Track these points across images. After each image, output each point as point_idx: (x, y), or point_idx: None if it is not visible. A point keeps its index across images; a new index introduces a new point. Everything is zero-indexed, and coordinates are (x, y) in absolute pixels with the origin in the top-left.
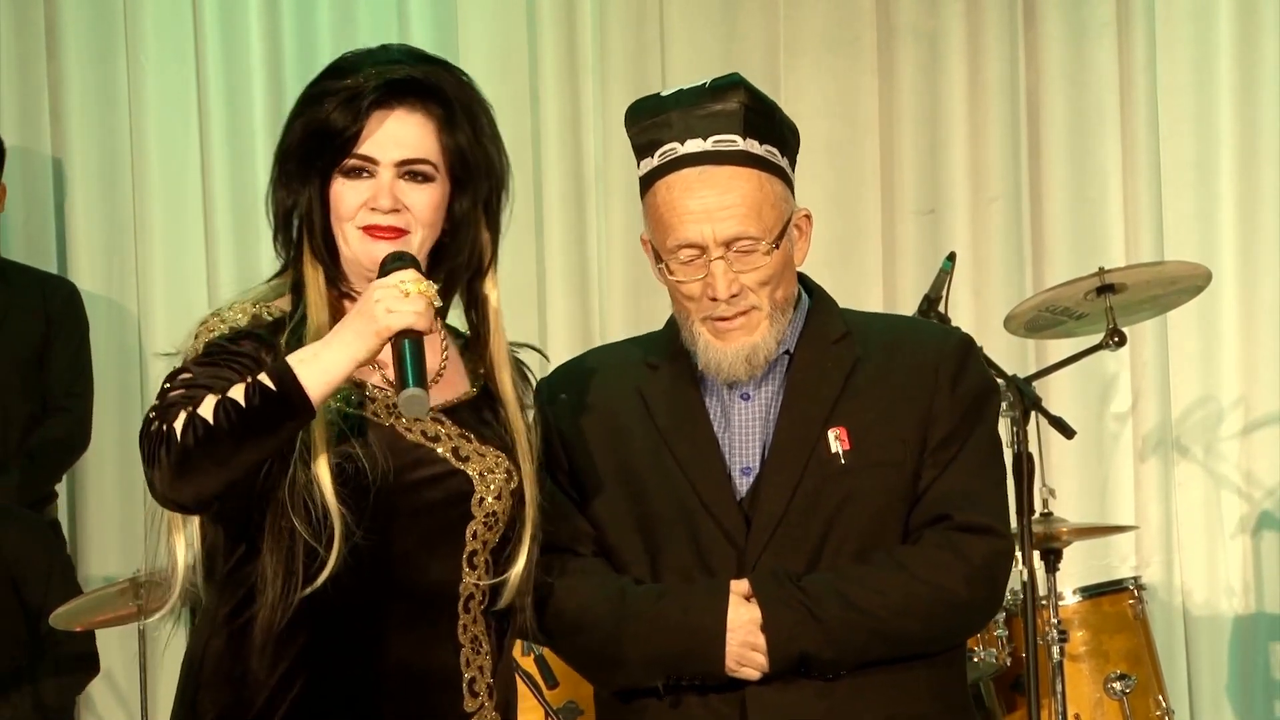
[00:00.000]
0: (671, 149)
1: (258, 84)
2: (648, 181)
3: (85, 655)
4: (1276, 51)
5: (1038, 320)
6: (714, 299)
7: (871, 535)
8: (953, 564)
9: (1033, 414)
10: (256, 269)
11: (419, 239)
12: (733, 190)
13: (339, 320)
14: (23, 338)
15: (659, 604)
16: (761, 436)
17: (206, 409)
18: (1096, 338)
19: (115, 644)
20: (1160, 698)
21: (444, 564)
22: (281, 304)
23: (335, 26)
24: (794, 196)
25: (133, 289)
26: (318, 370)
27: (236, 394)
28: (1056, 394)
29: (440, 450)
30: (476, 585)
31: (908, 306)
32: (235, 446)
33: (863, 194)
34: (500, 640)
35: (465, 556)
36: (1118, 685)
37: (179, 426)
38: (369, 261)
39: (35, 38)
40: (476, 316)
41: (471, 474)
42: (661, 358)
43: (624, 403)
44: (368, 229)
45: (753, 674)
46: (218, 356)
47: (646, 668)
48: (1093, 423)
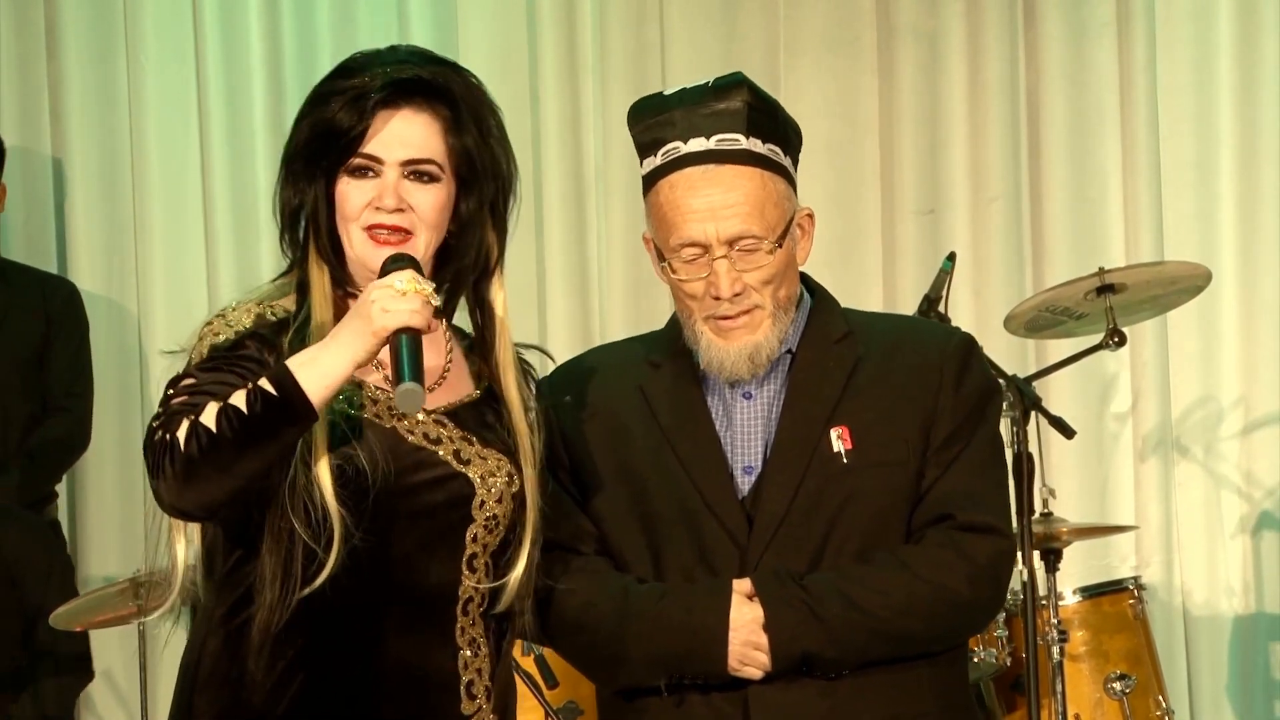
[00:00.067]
0: (675, 148)
1: (258, 84)
2: (651, 180)
3: (80, 660)
4: (1276, 51)
5: (1038, 320)
6: (717, 298)
7: (874, 535)
8: (955, 563)
9: (1033, 414)
10: (256, 269)
11: (423, 240)
12: (736, 189)
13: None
14: (23, 338)
15: (661, 603)
16: (764, 435)
17: (209, 417)
18: (1096, 338)
19: (115, 644)
20: (1160, 698)
21: (443, 567)
22: (286, 303)
23: (335, 26)
24: (797, 195)
25: (133, 289)
26: (317, 373)
27: (238, 400)
28: (1056, 394)
29: (442, 453)
30: (475, 588)
31: (908, 306)
32: (238, 454)
33: (863, 194)
34: (499, 643)
35: (465, 559)
36: (1118, 685)
37: (182, 436)
38: (372, 265)
39: (35, 38)
40: (482, 319)
41: (473, 477)
42: (663, 356)
43: (626, 401)
44: (372, 230)
45: (755, 673)
46: (220, 361)
47: (649, 667)
48: (1093, 423)
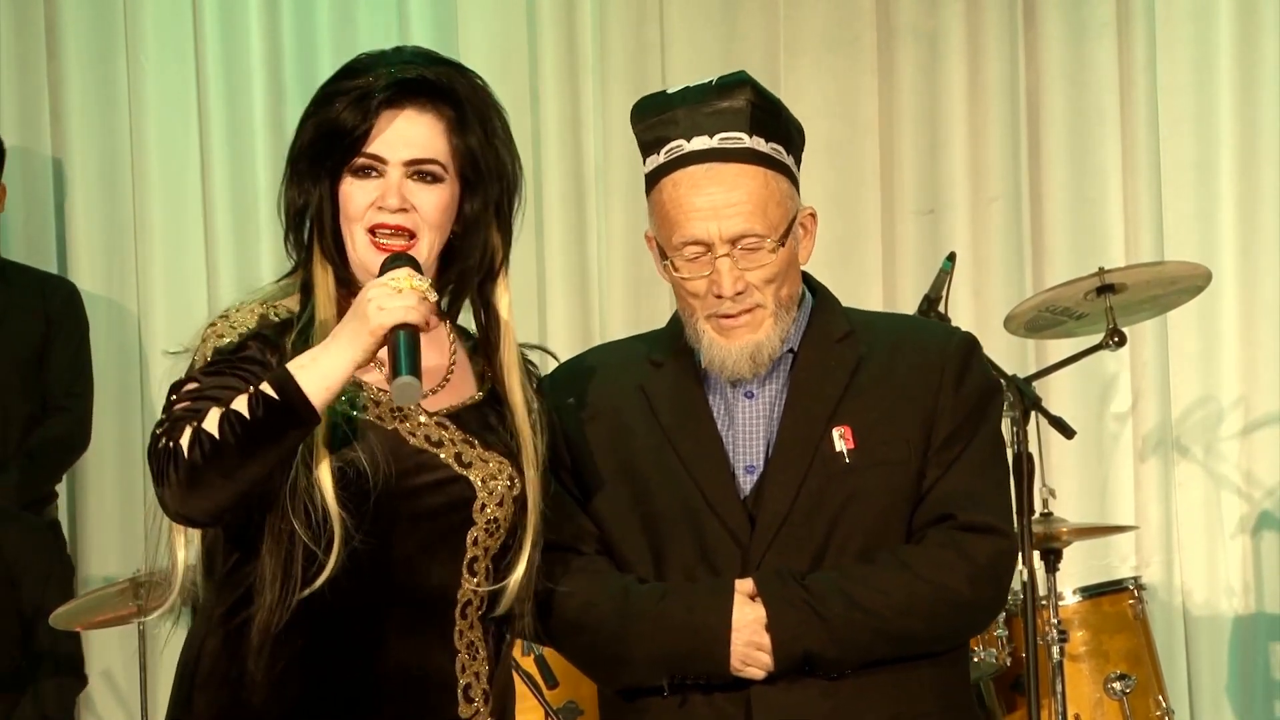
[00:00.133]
0: (678, 146)
1: (258, 84)
2: (653, 178)
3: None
4: (1276, 51)
5: (1038, 320)
6: (719, 296)
7: (875, 534)
8: (956, 563)
9: (1033, 414)
10: (256, 269)
11: (426, 241)
12: (739, 187)
13: None
14: (23, 338)
15: (663, 603)
16: (765, 435)
17: (211, 423)
18: (1096, 338)
19: (115, 644)
20: (1160, 698)
21: (443, 570)
22: (289, 304)
23: (335, 26)
24: (799, 195)
25: (133, 289)
26: (317, 375)
27: (240, 405)
28: (1056, 394)
29: (443, 456)
30: (474, 591)
31: (908, 306)
32: (242, 459)
33: (863, 194)
34: (498, 646)
35: (465, 563)
36: (1118, 685)
37: (185, 443)
38: (373, 267)
39: (35, 38)
40: (486, 320)
41: (474, 480)
42: (665, 355)
43: (627, 400)
44: (375, 230)
45: (757, 673)
46: (223, 364)
47: (651, 667)
48: (1093, 423)
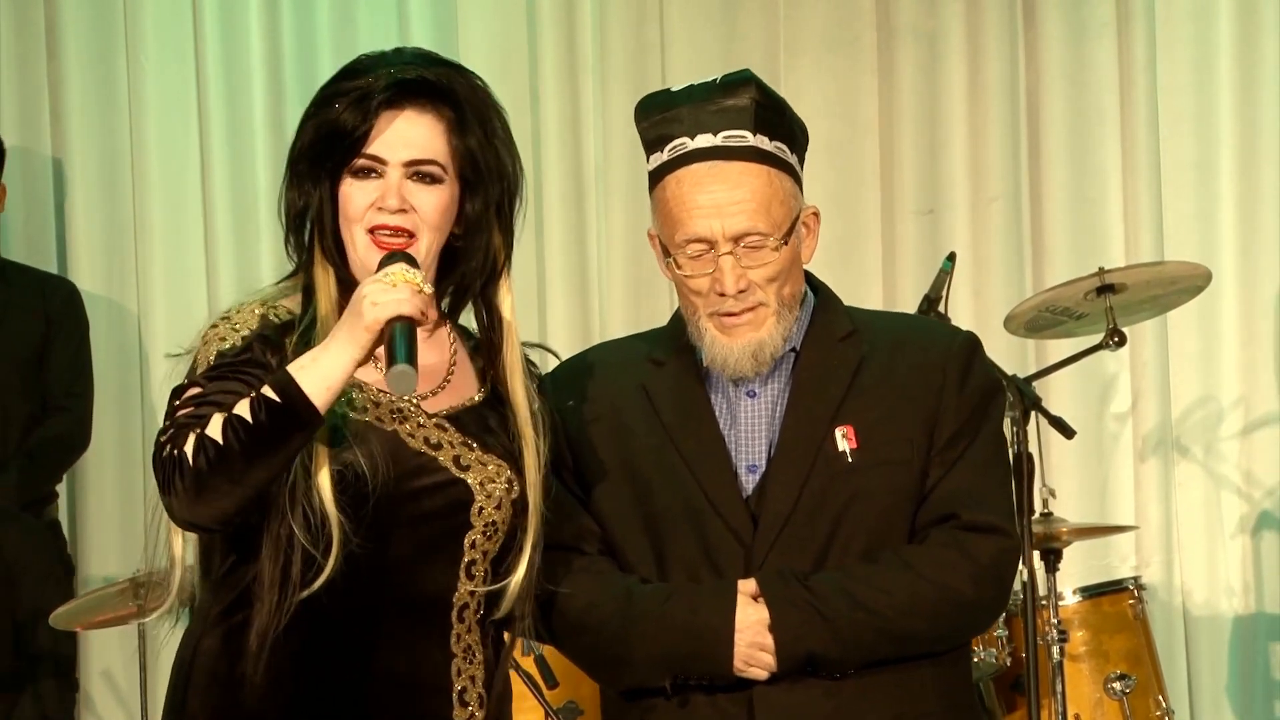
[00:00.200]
0: (681, 144)
1: (258, 84)
2: (657, 176)
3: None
4: (1276, 51)
5: (1038, 320)
6: (721, 294)
7: (878, 534)
8: (959, 563)
9: (1033, 414)
10: (256, 269)
11: (425, 241)
12: (742, 186)
13: None
14: (23, 338)
15: (666, 604)
16: (768, 434)
17: (215, 429)
18: (1096, 338)
19: (115, 644)
20: (1160, 698)
21: (440, 573)
22: (290, 305)
23: (335, 26)
24: (803, 194)
25: (133, 289)
26: (318, 376)
27: (242, 410)
28: (1056, 394)
29: (442, 459)
30: (471, 594)
31: (908, 306)
32: (247, 464)
33: (863, 194)
34: (496, 650)
35: (463, 566)
36: (1118, 685)
37: (190, 450)
38: (372, 268)
39: (35, 38)
40: (489, 322)
41: (472, 483)
42: (666, 354)
43: (628, 399)
44: (375, 230)
45: (760, 674)
46: (225, 369)
47: (653, 668)
48: (1093, 423)
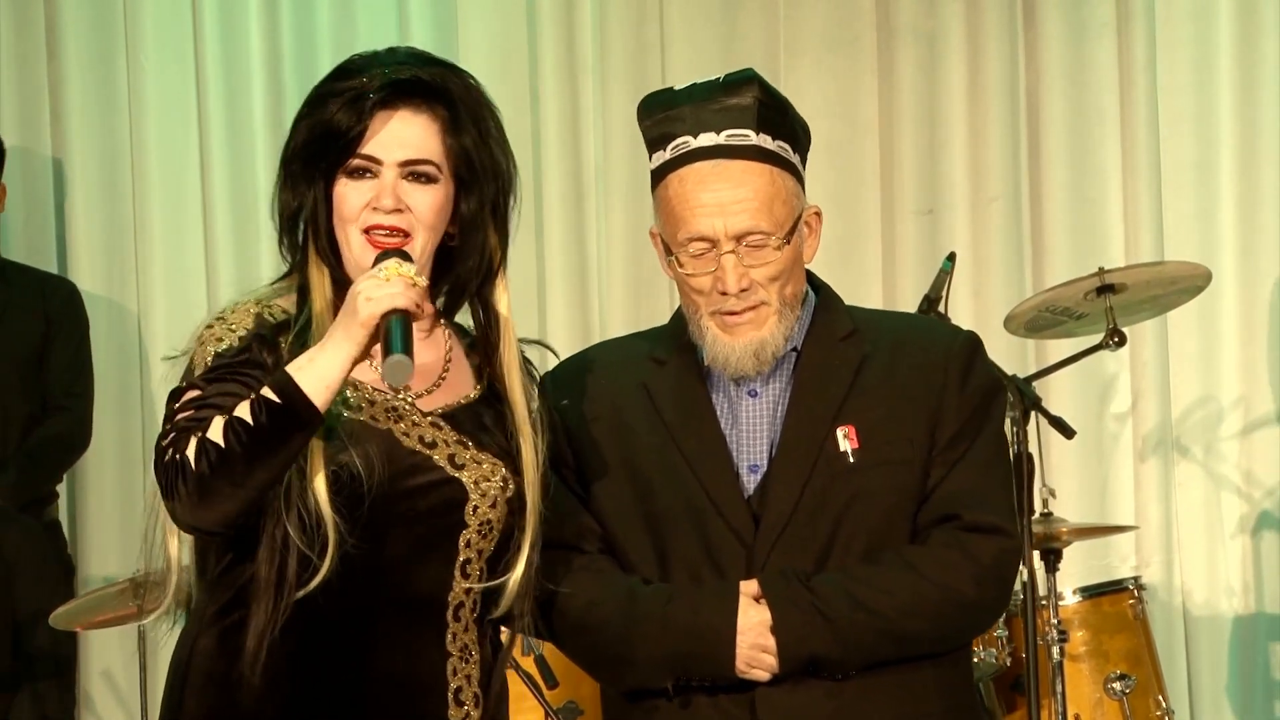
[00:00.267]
0: (684, 142)
1: (258, 84)
2: (659, 174)
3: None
4: (1276, 51)
5: (1038, 320)
6: (723, 293)
7: (880, 534)
8: (961, 564)
9: (1033, 414)
10: (256, 269)
11: (420, 241)
12: (745, 184)
13: None
14: (22, 337)
15: (668, 605)
16: (769, 434)
17: (216, 432)
18: (1096, 338)
19: (115, 644)
20: (1160, 698)
21: (435, 572)
22: (285, 304)
23: (335, 26)
24: (805, 194)
25: (133, 289)
26: (316, 376)
27: (243, 412)
28: (1056, 394)
29: (437, 457)
30: (467, 593)
31: (907, 307)
32: (250, 466)
33: (863, 194)
34: (494, 649)
35: (458, 565)
36: (1118, 685)
37: (192, 455)
38: (368, 268)
39: (35, 38)
40: (486, 321)
41: (466, 481)
42: (667, 353)
43: (629, 398)
44: (371, 230)
45: (763, 675)
46: (224, 370)
47: (656, 668)
48: (1093, 423)
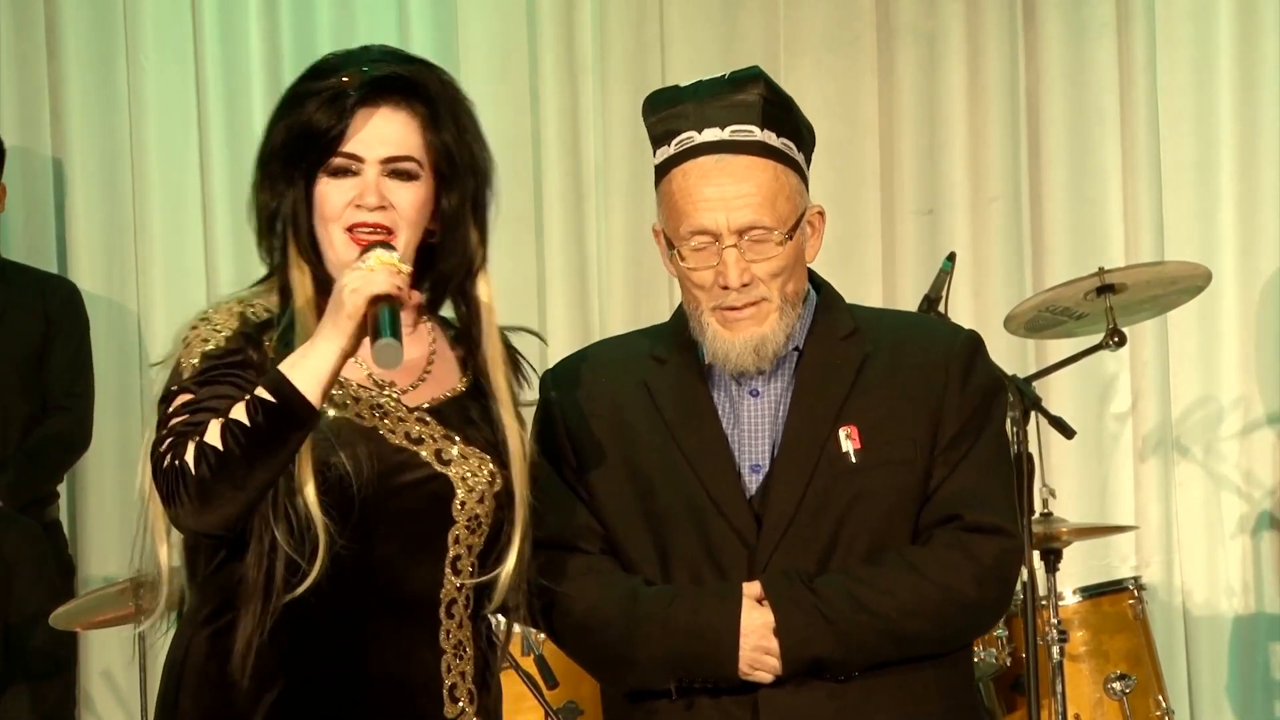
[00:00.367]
0: (689, 137)
1: (258, 84)
2: (664, 169)
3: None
4: (1276, 51)
5: (1038, 320)
6: (725, 287)
7: (882, 534)
8: (963, 564)
9: (1033, 414)
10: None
11: (404, 238)
12: (749, 179)
13: None
14: (22, 337)
15: (671, 607)
16: (771, 434)
17: (213, 435)
18: (1096, 338)
19: (115, 644)
20: (1160, 698)
21: (426, 570)
22: (267, 303)
23: (335, 26)
24: (808, 192)
25: (133, 289)
26: (309, 372)
27: (239, 414)
28: (1056, 394)
29: (423, 454)
30: (459, 589)
31: (907, 306)
32: (249, 467)
33: (863, 194)
34: (489, 645)
35: (448, 561)
36: (1118, 685)
37: (191, 460)
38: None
39: (35, 38)
40: (468, 314)
41: (453, 477)
42: (668, 351)
43: (629, 396)
44: (354, 228)
45: (765, 677)
46: (215, 372)
47: (658, 670)
48: (1093, 423)
